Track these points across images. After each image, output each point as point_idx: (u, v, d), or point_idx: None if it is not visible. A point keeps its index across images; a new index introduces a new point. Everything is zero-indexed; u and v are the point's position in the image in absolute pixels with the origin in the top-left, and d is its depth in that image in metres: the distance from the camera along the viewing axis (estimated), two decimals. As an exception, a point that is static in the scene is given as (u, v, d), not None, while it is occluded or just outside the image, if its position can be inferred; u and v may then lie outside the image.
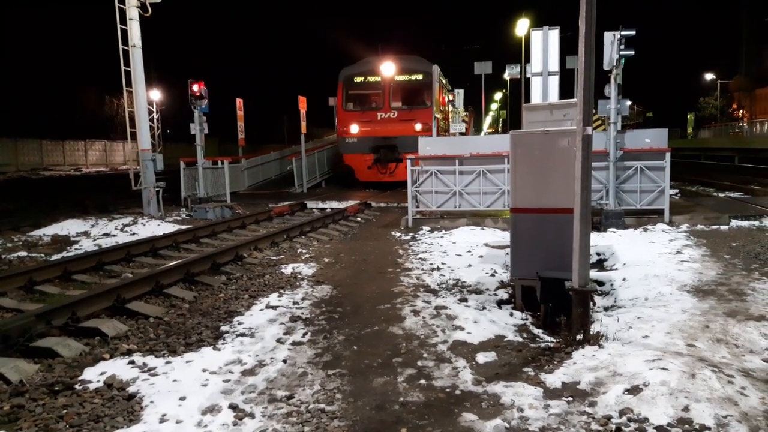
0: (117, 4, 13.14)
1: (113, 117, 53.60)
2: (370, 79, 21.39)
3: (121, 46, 13.38)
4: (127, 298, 6.17)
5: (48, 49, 49.95)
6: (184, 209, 15.14)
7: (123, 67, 13.51)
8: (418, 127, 20.25)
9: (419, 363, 4.42)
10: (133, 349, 4.93)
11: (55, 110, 48.70)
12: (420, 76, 21.28)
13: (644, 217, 10.87)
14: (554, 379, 4.01)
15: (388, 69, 20.92)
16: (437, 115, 21.52)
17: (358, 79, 21.55)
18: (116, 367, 4.41)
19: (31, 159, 42.04)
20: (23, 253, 9.55)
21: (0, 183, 29.42)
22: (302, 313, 5.78)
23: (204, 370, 4.34)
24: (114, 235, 11.27)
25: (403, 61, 21.59)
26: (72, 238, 11.02)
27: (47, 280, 7.41)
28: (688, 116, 67.51)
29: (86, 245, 10.23)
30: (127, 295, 6.22)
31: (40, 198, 19.72)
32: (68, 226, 11.97)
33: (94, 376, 4.28)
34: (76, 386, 4.14)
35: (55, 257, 9.13)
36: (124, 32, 13.35)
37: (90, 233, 11.52)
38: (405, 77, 21.33)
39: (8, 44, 47.47)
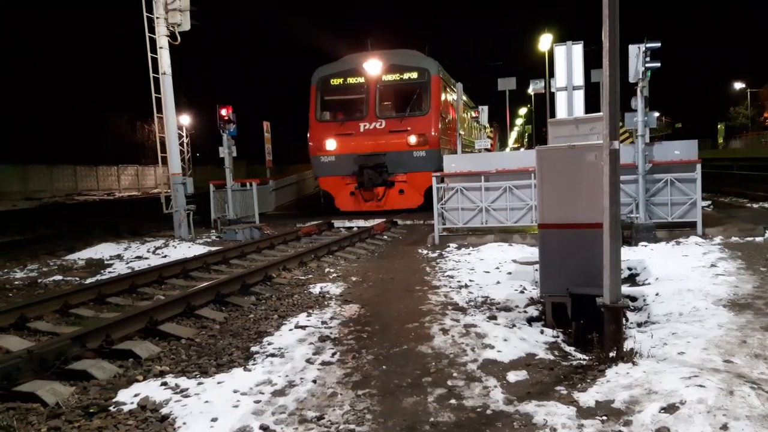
0: (148, 34, 13.53)
1: (144, 142, 54.92)
2: (351, 80, 17.24)
3: (151, 74, 13.75)
4: (160, 320, 6.27)
5: (81, 79, 51.53)
6: (214, 231, 15.36)
7: (154, 94, 13.86)
8: (413, 140, 16.44)
9: (449, 382, 4.38)
10: (165, 370, 4.99)
11: (88, 137, 50.09)
12: (414, 75, 17.13)
13: (676, 230, 10.66)
14: (587, 397, 3.94)
15: (373, 67, 16.85)
16: (461, 131, 20.60)
17: (335, 82, 17.39)
18: (149, 389, 4.47)
19: (65, 185, 43.17)
20: (59, 277, 9.79)
21: (36, 208, 30.24)
22: (331, 333, 5.79)
23: (235, 391, 4.37)
24: (146, 258, 11.47)
25: (392, 56, 17.48)
26: (106, 262, 11.26)
27: (82, 303, 7.56)
28: (719, 126, 66.37)
29: (119, 268, 10.43)
30: (160, 317, 6.32)
31: (74, 223, 20.21)
32: (102, 250, 12.24)
33: (128, 397, 4.35)
34: (111, 408, 4.20)
35: (89, 281, 9.32)
36: (155, 60, 13.72)
37: (123, 256, 11.75)
38: (395, 77, 17.16)
39: (43, 75, 49.11)
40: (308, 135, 17.68)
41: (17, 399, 4.42)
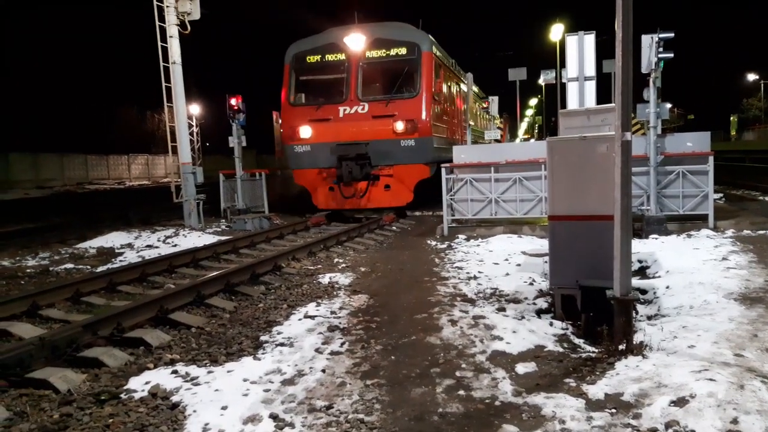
0: (158, 23, 13.53)
1: (154, 132, 55.14)
2: (330, 57, 15.03)
3: (161, 63, 13.76)
4: (170, 309, 6.30)
5: (92, 68, 51.72)
6: (223, 220, 15.41)
7: (164, 84, 13.88)
8: (400, 126, 14.16)
9: (458, 373, 4.39)
10: (176, 358, 5.03)
11: (99, 126, 50.41)
12: (403, 51, 14.73)
13: (687, 222, 10.59)
14: (597, 390, 3.93)
15: (355, 42, 14.69)
16: (471, 122, 20.07)
17: (312, 59, 15.21)
18: (160, 377, 4.51)
19: (77, 173, 43.46)
20: (70, 265, 9.87)
21: (47, 197, 30.46)
22: (340, 323, 5.81)
23: (245, 380, 4.40)
24: (156, 247, 11.54)
25: (377, 29, 15.14)
26: (116, 250, 11.33)
27: (93, 291, 7.62)
28: (731, 118, 65.79)
29: (130, 257, 10.50)
30: (170, 305, 6.36)
31: (85, 211, 20.34)
32: (113, 239, 12.32)
33: (138, 385, 4.39)
34: (122, 395, 4.25)
35: (100, 269, 9.39)
36: (165, 50, 13.73)
37: (134, 245, 11.82)
38: (381, 53, 14.82)
39: (54, 65, 49.32)
40: (279, 121, 15.82)
41: (30, 385, 4.48)
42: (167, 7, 13.55)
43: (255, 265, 8.30)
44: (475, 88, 23.33)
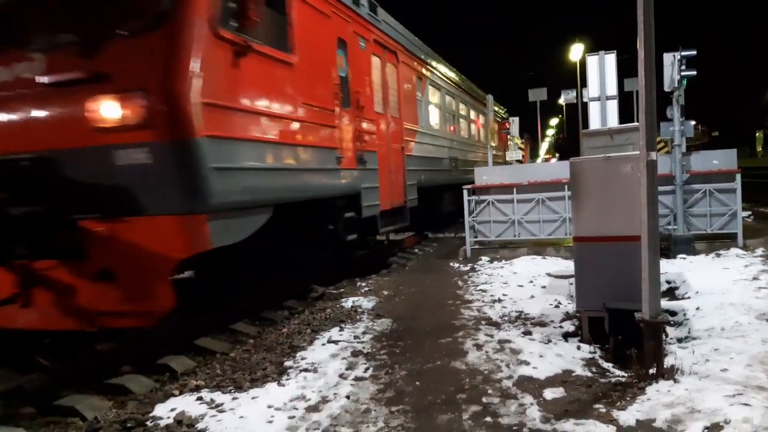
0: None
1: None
2: None
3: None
4: (195, 335, 6.33)
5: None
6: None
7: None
8: (112, 109, 4.83)
9: (484, 399, 4.32)
10: (201, 385, 5.04)
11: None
12: None
13: (716, 241, 10.37)
14: (628, 416, 3.84)
15: None
16: (492, 143, 19.78)
17: None
18: (185, 404, 4.51)
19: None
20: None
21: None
22: (363, 348, 5.77)
23: (269, 406, 4.38)
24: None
25: None
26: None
27: (119, 317, 7.69)
28: (757, 134, 64.81)
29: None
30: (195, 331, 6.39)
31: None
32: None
33: (164, 412, 4.40)
34: (148, 423, 4.25)
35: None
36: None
37: (158, 271, 11.92)
38: None
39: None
40: None
41: (57, 413, 4.53)
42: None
43: (279, 290, 8.32)
44: (497, 108, 23.28)
